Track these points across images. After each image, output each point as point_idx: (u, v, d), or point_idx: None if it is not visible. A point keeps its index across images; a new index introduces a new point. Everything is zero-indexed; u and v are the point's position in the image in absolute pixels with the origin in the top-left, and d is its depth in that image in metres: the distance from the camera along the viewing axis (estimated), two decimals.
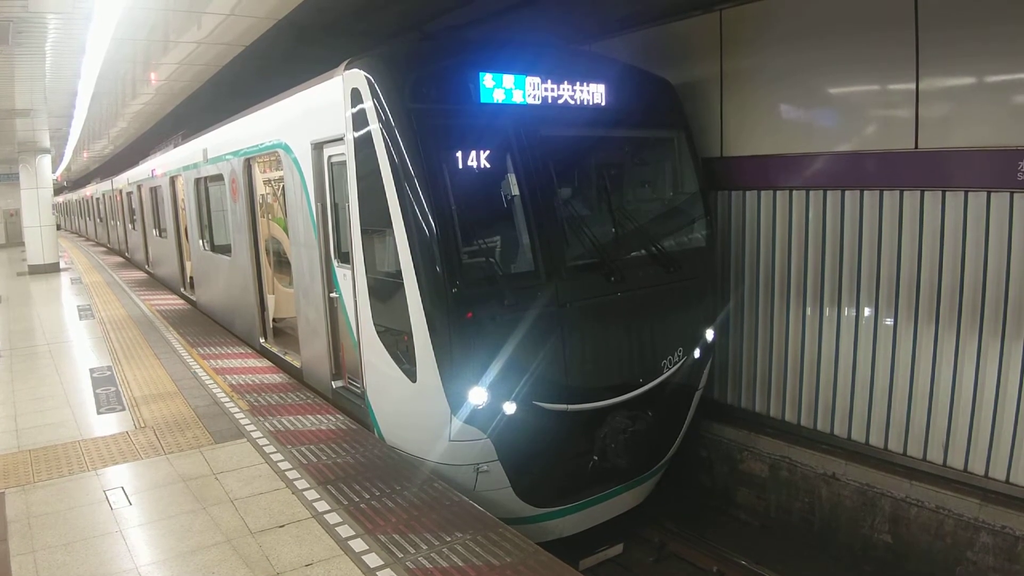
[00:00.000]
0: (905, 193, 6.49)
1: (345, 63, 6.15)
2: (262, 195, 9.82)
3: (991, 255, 5.99)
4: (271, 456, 5.95)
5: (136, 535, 4.71)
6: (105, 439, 6.43)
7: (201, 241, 12.36)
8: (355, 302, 6.43)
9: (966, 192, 6.06)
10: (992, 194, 5.90)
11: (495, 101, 5.99)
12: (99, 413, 7.19)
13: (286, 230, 8.45)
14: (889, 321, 6.77)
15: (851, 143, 6.84)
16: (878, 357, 6.91)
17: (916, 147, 6.29)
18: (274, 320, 9.92)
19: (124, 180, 21.84)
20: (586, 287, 6.19)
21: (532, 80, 6.18)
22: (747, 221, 7.94)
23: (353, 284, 6.42)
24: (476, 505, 5.06)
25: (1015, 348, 5.95)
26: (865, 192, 6.80)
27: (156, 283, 17.57)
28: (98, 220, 33.38)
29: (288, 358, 8.76)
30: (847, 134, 6.87)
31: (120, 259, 24.81)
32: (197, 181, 12.02)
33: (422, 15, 9.27)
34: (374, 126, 5.68)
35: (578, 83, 6.45)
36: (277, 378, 8.30)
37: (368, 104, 5.74)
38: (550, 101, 6.30)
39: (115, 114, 15.19)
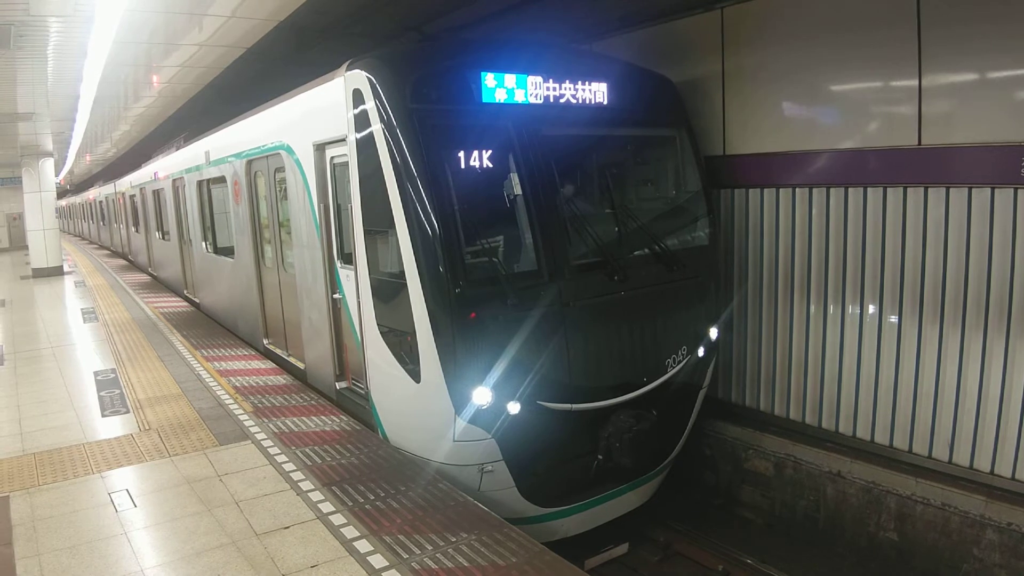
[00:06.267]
0: (908, 190, 6.47)
1: (347, 64, 6.15)
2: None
3: (995, 251, 5.98)
4: (275, 458, 5.95)
5: (141, 537, 4.71)
6: (109, 442, 6.44)
7: (204, 243, 12.38)
8: (358, 303, 6.44)
9: (970, 188, 6.04)
10: (996, 190, 5.89)
11: (497, 101, 5.99)
12: (103, 416, 7.20)
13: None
14: (893, 318, 6.75)
15: (854, 140, 6.83)
16: (882, 354, 6.89)
17: (919, 144, 6.28)
18: None
19: (127, 183, 21.88)
20: (589, 286, 6.18)
21: (534, 79, 6.18)
22: (750, 219, 7.93)
23: (356, 285, 6.43)
24: (481, 505, 5.05)
25: (1020, 344, 5.93)
26: (868, 189, 6.78)
27: (159, 285, 17.60)
28: (101, 223, 33.45)
29: (292, 359, 8.77)
30: (850, 131, 6.85)
31: (123, 262, 24.85)
32: (199, 183, 12.04)
33: (421, 16, 9.28)
34: (376, 127, 5.68)
35: (580, 82, 6.44)
36: (281, 380, 8.31)
37: (370, 105, 5.74)
38: (552, 100, 6.29)
39: (117, 117, 15.22)
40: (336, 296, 7.06)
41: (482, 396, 5.58)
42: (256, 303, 9.73)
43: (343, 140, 6.30)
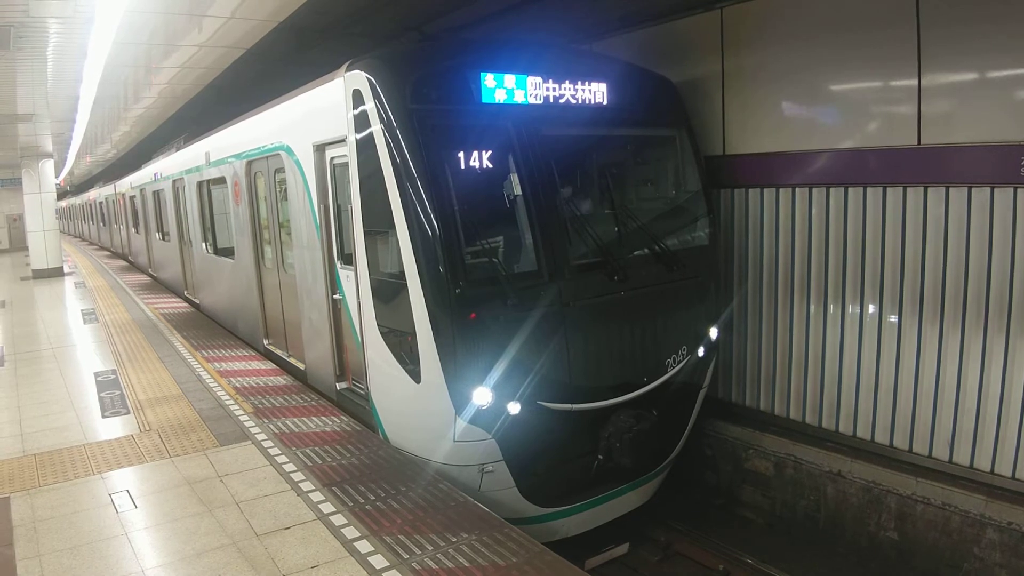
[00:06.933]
0: (908, 189, 6.47)
1: (346, 64, 6.15)
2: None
3: (995, 251, 5.98)
4: (276, 458, 5.95)
5: (142, 538, 4.72)
6: (110, 443, 6.44)
7: (204, 244, 12.39)
8: (358, 303, 6.44)
9: (969, 188, 6.05)
10: (995, 189, 5.89)
11: (496, 101, 5.99)
12: (104, 417, 7.20)
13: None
14: (893, 318, 6.76)
15: (854, 140, 6.83)
16: (883, 354, 6.90)
17: (919, 143, 6.28)
18: None
19: (127, 184, 21.88)
20: (589, 286, 6.18)
21: (533, 80, 6.18)
22: (750, 219, 7.93)
23: (356, 285, 6.43)
24: (481, 505, 5.05)
25: (1020, 343, 5.94)
26: (868, 189, 6.78)
27: (159, 286, 17.60)
28: (101, 224, 33.46)
29: (292, 360, 8.77)
30: (850, 131, 6.85)
31: (123, 263, 24.86)
32: (199, 184, 12.04)
33: (421, 16, 9.29)
34: (376, 127, 5.68)
35: (579, 82, 6.45)
36: (281, 380, 8.31)
37: (370, 105, 5.74)
38: (551, 101, 6.30)
39: (117, 118, 15.22)
40: (336, 297, 7.06)
41: (482, 396, 5.58)
42: (256, 304, 9.73)
43: (343, 141, 6.30)
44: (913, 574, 6.49)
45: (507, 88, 6.04)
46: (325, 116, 6.64)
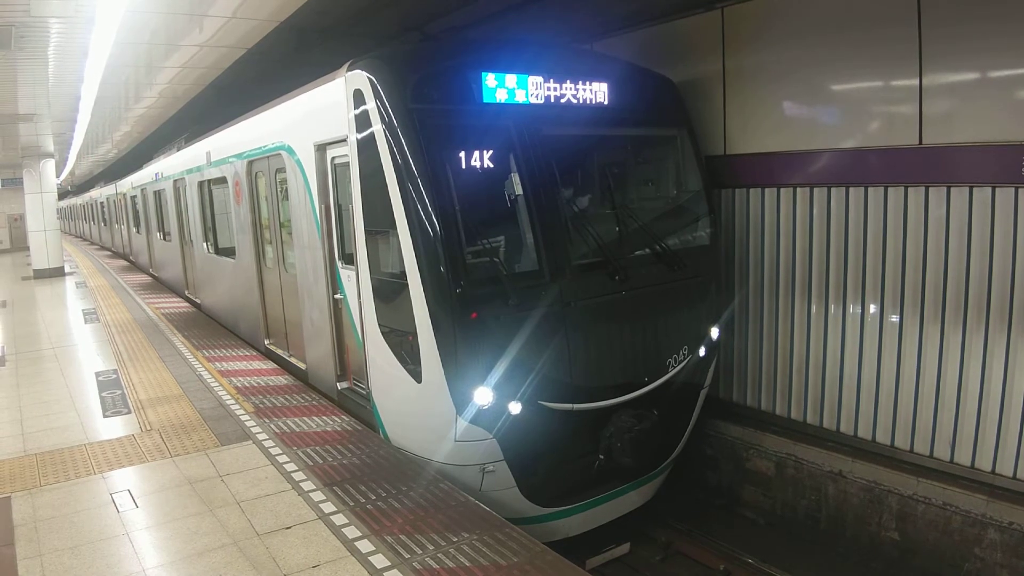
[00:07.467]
0: (909, 189, 6.47)
1: (347, 64, 6.16)
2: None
3: (996, 250, 5.98)
4: (277, 458, 5.95)
5: (143, 538, 4.72)
6: (111, 442, 6.45)
7: (205, 244, 12.39)
8: (359, 303, 6.44)
9: (971, 188, 6.04)
10: (997, 189, 5.89)
11: (497, 101, 5.99)
12: (105, 416, 7.20)
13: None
14: (895, 317, 6.75)
15: (855, 140, 6.83)
16: (884, 354, 6.89)
17: (920, 143, 6.28)
18: None
19: (128, 184, 21.89)
20: (590, 286, 6.18)
21: (534, 79, 6.18)
22: (751, 219, 7.93)
23: (357, 285, 6.43)
24: (482, 505, 5.05)
25: (1021, 343, 5.93)
26: (869, 188, 6.78)
27: (160, 286, 17.61)
28: (102, 224, 33.49)
29: (293, 360, 8.78)
30: (851, 131, 6.85)
31: (124, 262, 24.87)
32: (200, 184, 12.05)
33: (422, 16, 9.29)
34: (377, 127, 5.68)
35: (580, 82, 6.45)
36: (282, 380, 8.31)
37: (371, 105, 5.74)
38: (552, 100, 6.30)
39: (118, 118, 15.23)
40: (337, 296, 7.07)
41: (483, 396, 5.58)
42: (257, 303, 9.74)
43: (344, 140, 6.30)
44: (914, 574, 6.49)
45: (508, 88, 6.04)
46: (326, 116, 6.64)
